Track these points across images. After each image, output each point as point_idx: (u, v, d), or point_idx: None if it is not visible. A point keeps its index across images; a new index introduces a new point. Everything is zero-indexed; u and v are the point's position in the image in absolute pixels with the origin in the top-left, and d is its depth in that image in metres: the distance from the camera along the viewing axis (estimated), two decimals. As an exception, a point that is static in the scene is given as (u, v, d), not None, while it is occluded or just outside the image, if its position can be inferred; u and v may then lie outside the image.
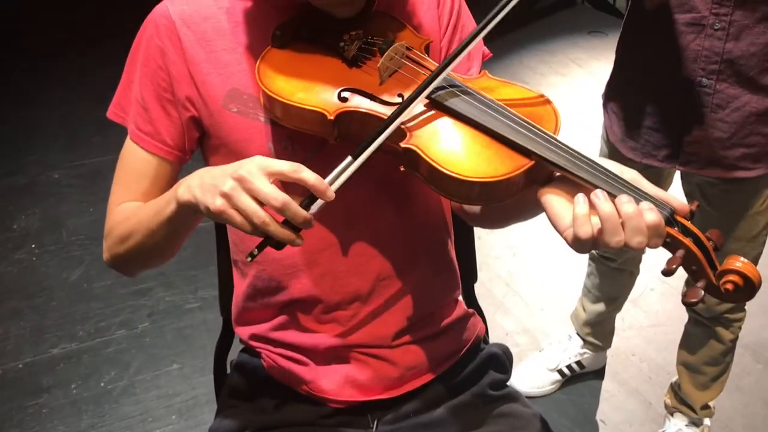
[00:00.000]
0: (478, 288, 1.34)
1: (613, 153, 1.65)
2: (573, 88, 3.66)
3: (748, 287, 0.77)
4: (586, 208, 0.79)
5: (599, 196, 0.78)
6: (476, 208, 1.07)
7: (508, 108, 0.88)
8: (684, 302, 0.77)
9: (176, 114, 1.00)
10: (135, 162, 1.03)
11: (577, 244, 0.80)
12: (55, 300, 2.40)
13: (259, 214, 0.79)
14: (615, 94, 1.61)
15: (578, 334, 2.08)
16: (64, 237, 2.68)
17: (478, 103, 0.88)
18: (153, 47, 0.98)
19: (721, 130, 1.43)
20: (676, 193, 1.64)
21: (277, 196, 0.79)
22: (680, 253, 0.78)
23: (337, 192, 0.83)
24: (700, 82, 1.40)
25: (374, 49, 0.94)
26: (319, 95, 0.90)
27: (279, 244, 0.83)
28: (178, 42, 0.97)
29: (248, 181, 0.80)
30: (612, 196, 0.79)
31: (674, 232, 0.79)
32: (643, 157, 1.55)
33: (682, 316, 1.87)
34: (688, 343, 1.82)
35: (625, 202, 0.78)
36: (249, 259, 0.84)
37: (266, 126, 0.97)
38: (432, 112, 0.89)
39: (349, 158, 0.84)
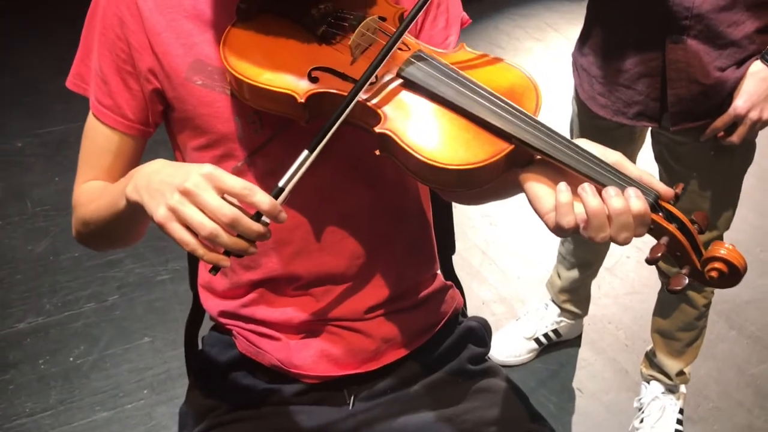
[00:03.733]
0: (455, 257, 1.31)
1: (583, 111, 1.63)
2: (549, 53, 3.62)
3: (734, 274, 0.75)
4: (569, 197, 0.76)
5: (587, 191, 0.75)
6: None
7: (487, 87, 0.83)
8: (668, 290, 0.76)
9: (137, 87, 0.95)
10: (97, 137, 0.98)
11: (559, 232, 0.78)
12: (20, 273, 2.33)
13: (206, 225, 0.74)
14: (585, 50, 1.57)
15: (554, 301, 2.07)
16: (29, 208, 2.60)
17: (455, 83, 0.83)
18: (110, 15, 0.93)
19: (695, 86, 1.40)
20: (646, 155, 1.62)
21: (226, 211, 0.74)
22: (664, 240, 0.76)
23: (294, 186, 0.78)
24: (672, 38, 1.37)
25: (345, 24, 0.88)
26: (288, 76, 0.84)
27: (236, 254, 0.77)
28: (136, 10, 0.91)
29: (195, 195, 0.75)
30: (599, 186, 0.76)
31: (658, 218, 0.76)
32: (613, 115, 1.53)
33: (658, 283, 1.86)
34: (662, 309, 1.82)
35: (613, 195, 0.75)
36: (213, 273, 0.79)
37: (233, 99, 0.92)
38: (407, 93, 0.84)
39: (305, 152, 0.78)
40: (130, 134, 0.98)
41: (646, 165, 1.83)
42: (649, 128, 1.60)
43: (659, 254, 0.74)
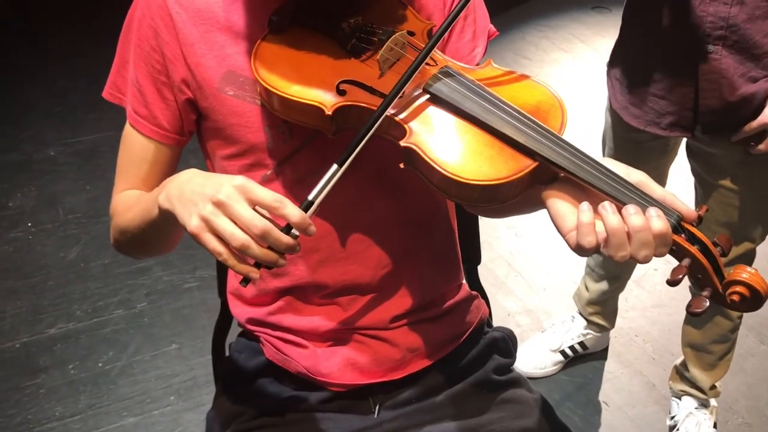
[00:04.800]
0: (480, 269, 1.31)
1: (616, 121, 1.62)
2: (576, 64, 3.60)
3: (756, 298, 0.75)
4: (591, 217, 0.76)
5: (607, 209, 0.76)
6: None
7: (512, 104, 0.84)
8: (689, 312, 0.75)
9: (171, 97, 0.97)
10: (133, 146, 1.01)
11: (580, 251, 0.78)
12: (51, 279, 2.37)
13: (238, 236, 0.75)
14: (619, 60, 1.57)
15: (581, 314, 2.06)
16: (61, 215, 2.65)
17: (480, 99, 0.84)
18: (145, 27, 0.95)
19: (727, 96, 1.39)
20: (680, 167, 1.61)
21: (257, 223, 0.75)
22: (686, 261, 0.76)
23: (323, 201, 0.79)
24: (705, 48, 1.36)
25: (374, 39, 0.89)
26: (316, 89, 0.85)
27: (266, 265, 0.79)
28: (170, 21, 0.93)
29: (228, 206, 0.76)
30: (619, 204, 0.76)
31: (681, 239, 0.76)
32: (646, 125, 1.52)
33: (686, 296, 1.84)
34: (694, 321, 1.80)
35: (633, 213, 0.75)
36: (243, 284, 0.80)
37: (263, 109, 0.94)
38: (433, 108, 0.85)
39: (334, 166, 0.79)
40: (166, 143, 1.00)
41: (679, 178, 1.82)
42: (683, 141, 1.59)
43: (680, 276, 0.74)
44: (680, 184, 1.94)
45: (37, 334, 2.17)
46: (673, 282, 0.74)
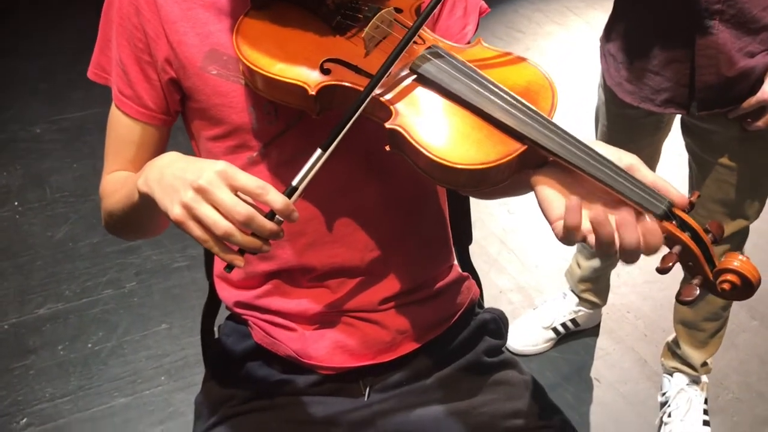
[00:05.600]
0: (472, 246, 1.29)
1: (609, 98, 1.60)
2: (569, 38, 3.57)
3: (746, 287, 0.74)
4: (578, 219, 0.75)
5: (599, 221, 0.74)
6: None
7: (501, 86, 0.81)
8: (678, 300, 0.74)
9: (155, 76, 0.94)
10: (120, 128, 0.98)
11: (565, 242, 0.77)
12: (39, 259, 2.34)
13: (220, 225, 0.74)
14: (613, 35, 1.54)
15: (573, 291, 2.05)
16: (48, 194, 2.62)
17: (469, 81, 0.81)
18: (126, 5, 0.92)
19: (724, 72, 1.37)
20: (673, 144, 1.59)
21: (240, 209, 0.74)
22: (677, 249, 0.74)
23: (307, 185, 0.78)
24: (702, 23, 1.34)
25: (359, 16, 0.86)
26: (300, 67, 0.83)
27: (250, 252, 0.77)
28: None
29: (210, 193, 0.74)
30: (609, 191, 0.75)
31: (671, 227, 0.74)
32: (640, 101, 1.49)
33: (678, 272, 1.83)
34: None
35: (628, 223, 0.74)
36: (227, 270, 0.79)
37: (247, 89, 0.91)
38: (420, 88, 0.82)
39: (318, 151, 0.77)
40: (152, 124, 0.97)
41: (672, 154, 1.81)
42: (678, 118, 1.58)
43: (670, 263, 0.73)
44: (673, 160, 1.92)
45: (25, 315, 2.15)
46: (662, 270, 0.73)
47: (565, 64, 3.25)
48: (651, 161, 1.70)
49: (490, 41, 0.91)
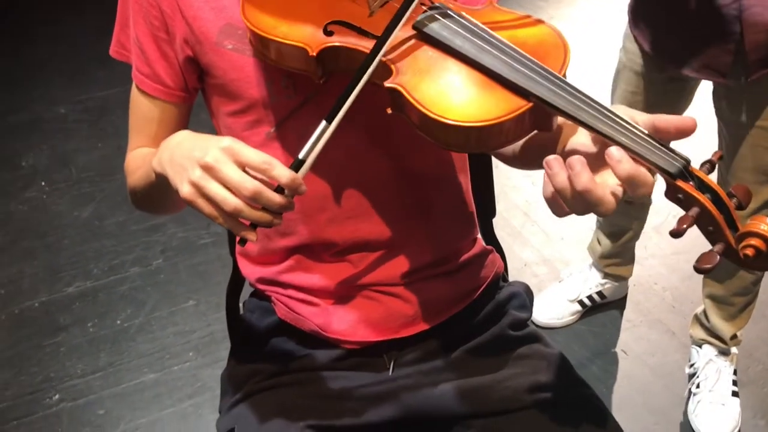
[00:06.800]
0: (496, 219, 1.28)
1: (633, 61, 1.55)
2: (593, 6, 3.49)
3: None
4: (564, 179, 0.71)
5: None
6: (510, 149, 0.97)
7: (508, 42, 0.78)
8: (696, 268, 0.68)
9: (173, 54, 0.94)
10: (141, 105, 0.99)
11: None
12: (67, 238, 2.38)
13: (229, 201, 0.74)
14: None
15: (596, 266, 2.03)
16: (74, 174, 2.65)
17: (473, 37, 0.78)
18: None
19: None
20: (702, 109, 1.55)
21: (248, 185, 0.74)
22: (694, 211, 0.69)
23: (318, 156, 0.77)
24: None
25: None
26: (303, 29, 0.81)
27: (262, 225, 0.77)
28: None
29: (216, 170, 0.74)
30: (632, 155, 0.71)
31: (688, 187, 0.69)
32: (678, 66, 1.45)
33: (706, 243, 1.80)
34: (716, 274, 1.76)
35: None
36: (241, 245, 0.79)
37: (264, 64, 0.90)
38: (421, 46, 0.80)
39: (323, 123, 0.76)
40: (171, 101, 0.98)
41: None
42: (701, 85, 1.53)
43: (684, 226, 0.68)
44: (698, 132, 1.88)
45: (55, 293, 2.19)
46: (676, 232, 0.68)
47: (589, 32, 3.19)
48: None
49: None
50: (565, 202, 0.73)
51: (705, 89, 1.58)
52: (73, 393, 1.91)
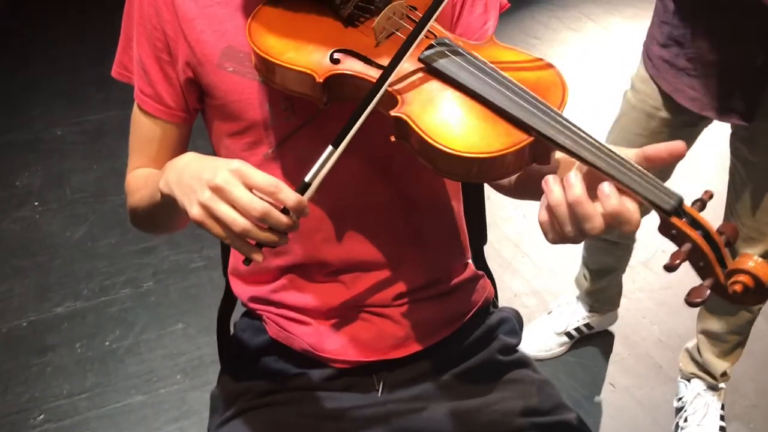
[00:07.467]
0: (487, 249, 1.30)
1: (665, 104, 1.51)
2: (585, 44, 3.56)
3: (760, 290, 0.71)
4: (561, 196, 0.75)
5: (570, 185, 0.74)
6: (506, 179, 1.00)
7: (510, 78, 0.81)
8: (687, 302, 0.71)
9: (174, 75, 0.97)
10: (142, 125, 1.01)
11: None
12: (58, 258, 2.38)
13: (239, 222, 0.76)
14: (670, 42, 1.46)
15: (583, 300, 2.04)
16: (68, 194, 2.65)
17: (477, 71, 0.81)
18: (146, 5, 0.94)
19: None
20: (714, 148, 1.54)
21: (256, 206, 0.76)
22: (686, 247, 0.72)
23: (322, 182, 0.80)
24: None
25: (371, 7, 0.87)
26: (310, 56, 0.84)
27: (269, 245, 0.79)
28: None
29: (226, 192, 0.76)
30: (622, 187, 0.74)
31: (681, 223, 0.72)
32: (701, 108, 1.44)
33: (694, 278, 1.82)
34: (713, 310, 1.76)
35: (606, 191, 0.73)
36: (246, 264, 0.81)
37: (263, 86, 0.93)
38: (427, 78, 0.83)
39: (330, 148, 0.78)
40: (173, 122, 0.99)
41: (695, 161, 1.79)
42: (721, 126, 1.52)
43: (678, 261, 0.71)
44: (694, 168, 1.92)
45: (44, 313, 2.18)
46: (670, 267, 0.71)
47: (581, 71, 3.25)
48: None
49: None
50: (559, 221, 0.75)
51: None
52: (59, 413, 1.89)
